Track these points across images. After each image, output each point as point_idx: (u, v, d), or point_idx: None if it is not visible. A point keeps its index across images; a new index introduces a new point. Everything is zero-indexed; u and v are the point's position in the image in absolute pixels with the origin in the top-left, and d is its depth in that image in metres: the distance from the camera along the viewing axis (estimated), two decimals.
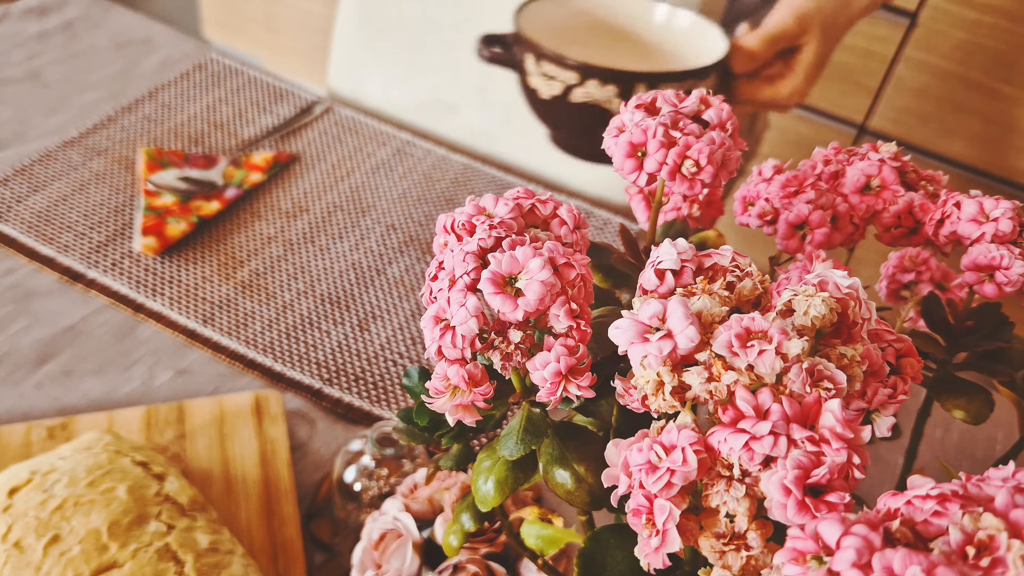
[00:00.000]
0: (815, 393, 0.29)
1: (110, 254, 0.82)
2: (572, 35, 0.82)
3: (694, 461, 0.29)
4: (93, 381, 0.72)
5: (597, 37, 0.83)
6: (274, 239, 0.86)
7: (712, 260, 0.34)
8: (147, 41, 1.09)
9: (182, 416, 0.69)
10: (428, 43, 1.05)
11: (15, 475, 0.56)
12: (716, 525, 0.31)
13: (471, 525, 0.43)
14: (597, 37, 0.83)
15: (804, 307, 0.31)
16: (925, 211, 0.44)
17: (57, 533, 0.52)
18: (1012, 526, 0.26)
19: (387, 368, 0.76)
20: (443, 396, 0.34)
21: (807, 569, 0.26)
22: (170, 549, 0.53)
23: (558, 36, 0.80)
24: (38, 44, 1.06)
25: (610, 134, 0.40)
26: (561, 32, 0.81)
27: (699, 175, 0.38)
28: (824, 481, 0.28)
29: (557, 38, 0.79)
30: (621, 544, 0.35)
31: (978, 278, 0.41)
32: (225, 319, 0.78)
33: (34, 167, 0.89)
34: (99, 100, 0.99)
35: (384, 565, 0.52)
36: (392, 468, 0.62)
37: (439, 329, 0.33)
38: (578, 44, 0.82)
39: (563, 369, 0.32)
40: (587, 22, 0.82)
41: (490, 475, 0.37)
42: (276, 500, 0.64)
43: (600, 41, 0.83)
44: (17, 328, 0.75)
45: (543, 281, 0.31)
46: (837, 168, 0.47)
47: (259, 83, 1.05)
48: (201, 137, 0.96)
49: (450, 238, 0.35)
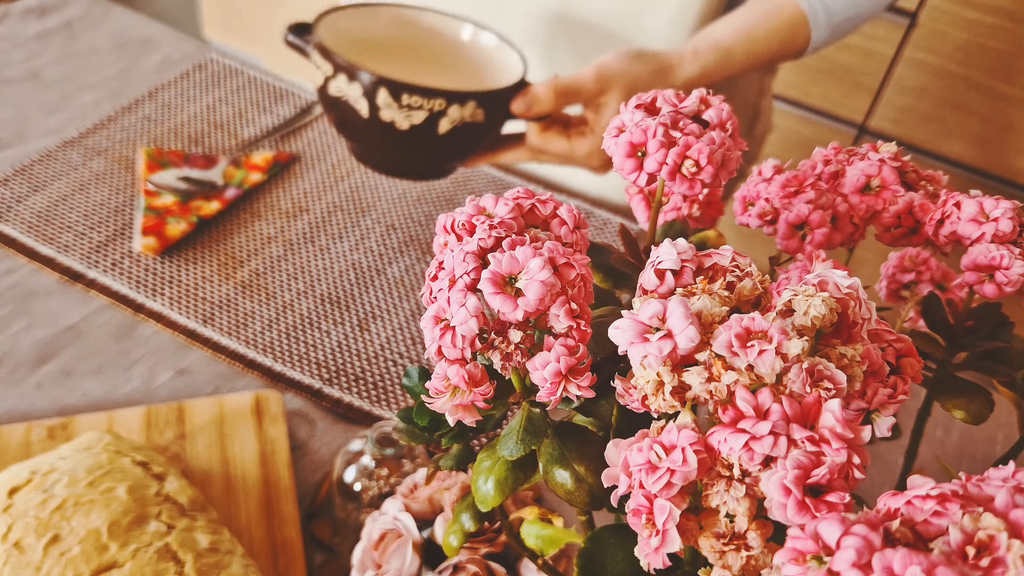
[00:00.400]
0: (815, 393, 0.29)
1: (110, 254, 0.82)
2: (377, 48, 0.82)
3: (694, 461, 0.29)
4: (93, 381, 0.72)
5: (405, 52, 0.83)
6: (274, 239, 0.86)
7: (712, 260, 0.34)
8: (147, 41, 1.09)
9: (182, 416, 0.69)
10: None
11: (15, 475, 0.56)
12: (716, 525, 0.31)
13: (471, 525, 0.43)
14: (405, 52, 0.83)
15: (804, 307, 0.31)
16: (925, 211, 0.44)
17: (57, 533, 0.52)
18: (1012, 526, 0.26)
19: (387, 368, 0.76)
20: (443, 396, 0.34)
21: (807, 569, 0.26)
22: (170, 549, 0.53)
23: (362, 48, 0.80)
24: (38, 44, 1.06)
25: (610, 134, 0.40)
26: (365, 44, 0.81)
27: (699, 175, 0.38)
28: (824, 481, 0.28)
29: (361, 50, 0.79)
30: (621, 544, 0.35)
31: (978, 278, 0.41)
32: (225, 319, 0.78)
33: (34, 167, 0.89)
34: (99, 100, 0.99)
35: (384, 565, 0.52)
36: (392, 468, 0.62)
37: (439, 329, 0.33)
38: (385, 57, 0.82)
39: (563, 369, 0.32)
40: (395, 37, 0.82)
41: (490, 475, 0.37)
42: (276, 500, 0.64)
43: (409, 56, 0.83)
44: (17, 328, 0.75)
45: (543, 281, 0.31)
46: (837, 168, 0.47)
47: (259, 83, 1.05)
48: (201, 137, 0.96)
49: (450, 238, 0.35)
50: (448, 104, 0.70)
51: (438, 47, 0.84)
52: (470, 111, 0.70)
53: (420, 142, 0.72)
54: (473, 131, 0.73)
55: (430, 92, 0.68)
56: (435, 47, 0.84)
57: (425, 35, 0.83)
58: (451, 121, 0.70)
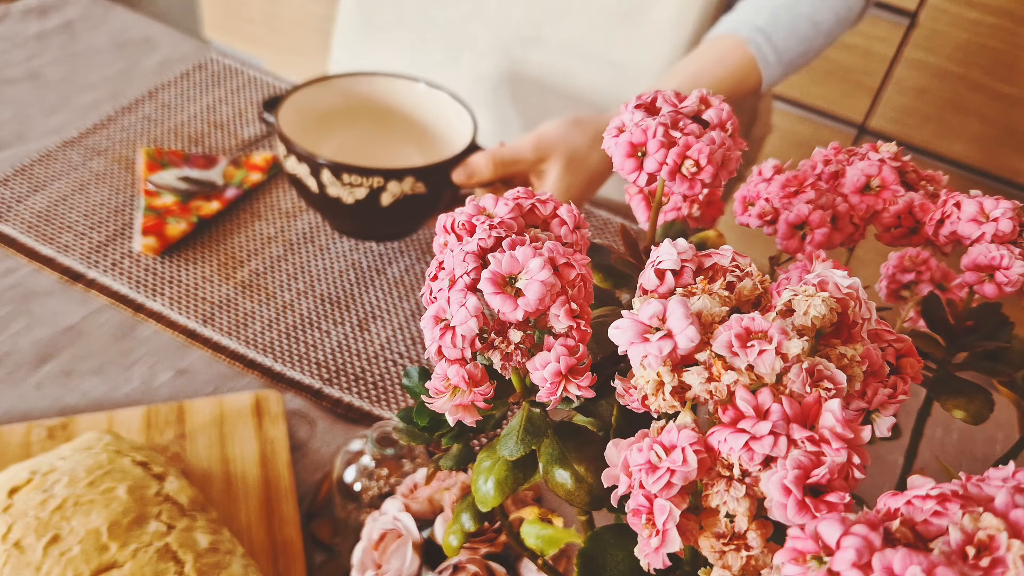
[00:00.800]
0: (815, 393, 0.29)
1: (110, 254, 0.82)
2: (341, 117, 0.88)
3: (694, 461, 0.29)
4: (93, 381, 0.72)
5: (369, 116, 0.88)
6: (274, 239, 0.86)
7: (712, 260, 0.34)
8: (147, 41, 1.09)
9: (182, 416, 0.69)
10: (428, 43, 1.05)
11: (15, 475, 0.56)
12: (716, 525, 0.31)
13: (471, 525, 0.43)
14: (369, 116, 0.88)
15: (804, 307, 0.31)
16: (925, 211, 0.44)
17: (57, 533, 0.52)
18: (1012, 526, 0.26)
19: (387, 368, 0.76)
20: (443, 396, 0.34)
21: (807, 569, 0.26)
22: (170, 549, 0.53)
23: (325, 120, 0.86)
24: (38, 44, 1.06)
25: (610, 134, 0.40)
26: (327, 116, 0.86)
27: (699, 175, 0.38)
28: (824, 481, 0.28)
29: (320, 123, 0.85)
30: (621, 544, 0.35)
31: (978, 278, 0.41)
32: (225, 319, 0.78)
33: (34, 167, 0.89)
34: (99, 100, 0.99)
35: (384, 565, 0.52)
36: (392, 468, 0.62)
37: (439, 329, 0.33)
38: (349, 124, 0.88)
39: (563, 369, 0.32)
40: (354, 104, 0.87)
41: (490, 475, 0.37)
42: (276, 500, 0.64)
43: (373, 119, 0.89)
44: (17, 328, 0.75)
45: (543, 281, 0.31)
46: (837, 168, 0.47)
47: (259, 83, 1.05)
48: (201, 137, 0.96)
49: (450, 238, 0.35)
50: (387, 181, 0.75)
51: (397, 108, 0.89)
52: (409, 185, 0.75)
53: (367, 214, 0.77)
54: (417, 201, 0.77)
55: (367, 171, 0.74)
56: (394, 108, 0.89)
57: (382, 98, 0.88)
58: (392, 195, 0.75)
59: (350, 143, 0.88)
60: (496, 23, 1.00)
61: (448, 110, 0.85)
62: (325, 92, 0.85)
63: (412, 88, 0.87)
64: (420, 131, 0.88)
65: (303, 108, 0.83)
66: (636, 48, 0.96)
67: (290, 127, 0.80)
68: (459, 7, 1.01)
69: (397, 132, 0.89)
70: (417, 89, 0.87)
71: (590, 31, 0.97)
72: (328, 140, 0.86)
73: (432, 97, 0.86)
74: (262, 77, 1.05)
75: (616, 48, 0.97)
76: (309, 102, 0.83)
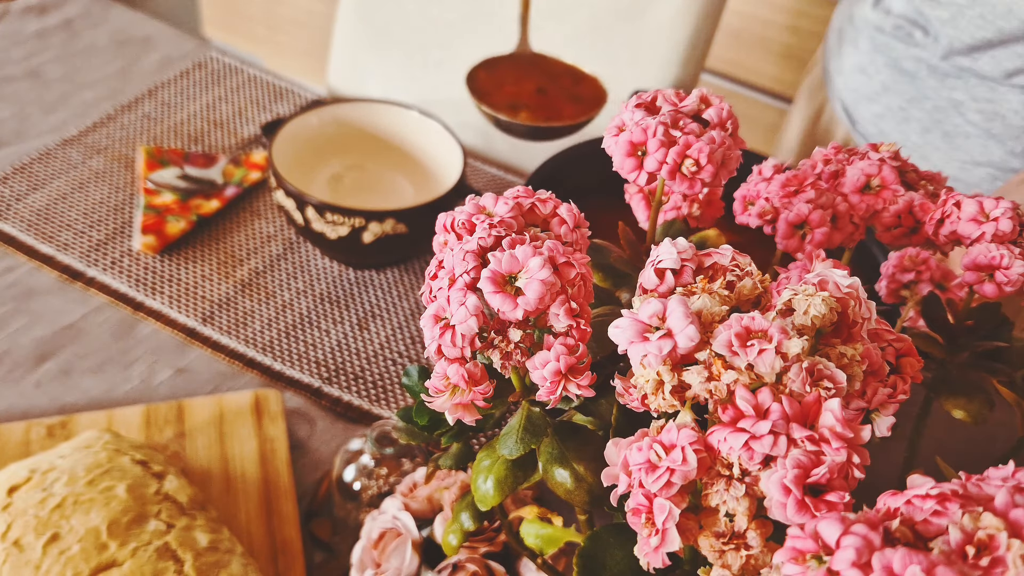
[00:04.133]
0: (815, 392, 0.29)
1: (109, 252, 0.82)
2: (335, 145, 0.89)
3: (694, 460, 0.29)
4: (92, 379, 0.72)
5: (361, 142, 0.89)
6: (273, 238, 0.86)
7: (712, 259, 0.34)
8: (147, 39, 1.09)
9: (181, 415, 0.69)
10: (428, 42, 1.05)
11: (14, 473, 0.56)
12: (716, 524, 0.31)
13: (470, 524, 0.43)
14: (361, 142, 0.89)
15: (804, 306, 0.31)
16: (925, 211, 0.44)
17: (56, 532, 0.52)
18: (1012, 526, 0.26)
19: (386, 367, 0.76)
20: (443, 395, 0.34)
21: (807, 568, 0.26)
22: (169, 548, 0.53)
23: (318, 147, 0.87)
24: (38, 42, 1.06)
25: (610, 133, 0.40)
26: (321, 143, 0.87)
27: (699, 174, 0.38)
28: (824, 480, 0.28)
29: (315, 149, 0.87)
30: (621, 543, 0.35)
31: (978, 278, 0.41)
32: (224, 318, 0.78)
33: (34, 165, 0.89)
34: (99, 98, 0.99)
35: (383, 564, 0.52)
36: (391, 467, 0.62)
37: (439, 328, 0.33)
38: (339, 151, 0.89)
39: (563, 368, 0.32)
40: (346, 132, 0.89)
41: (490, 474, 0.37)
42: (275, 499, 0.64)
43: (366, 146, 0.90)
44: (16, 326, 0.75)
45: (543, 280, 0.31)
46: (837, 168, 0.47)
47: (259, 82, 1.05)
48: (201, 135, 0.96)
49: (450, 237, 0.35)
50: (368, 221, 0.76)
51: (390, 135, 0.90)
52: (391, 226, 0.77)
53: (350, 249, 0.79)
54: (399, 240, 0.78)
55: (349, 212, 0.76)
56: (387, 135, 0.90)
57: (376, 125, 0.90)
58: (373, 234, 0.77)
59: (344, 169, 0.89)
60: (496, 23, 1.00)
61: (437, 141, 0.86)
62: (319, 119, 0.86)
63: (405, 116, 0.88)
64: (412, 159, 0.90)
65: (298, 135, 0.84)
66: (636, 47, 0.96)
67: (284, 155, 0.82)
68: (459, 7, 1.01)
69: (391, 158, 0.90)
70: (410, 116, 0.88)
71: (591, 30, 0.97)
72: (322, 167, 0.88)
73: (424, 126, 0.87)
74: (262, 76, 1.05)
75: (617, 47, 0.97)
76: (304, 129, 0.85)
